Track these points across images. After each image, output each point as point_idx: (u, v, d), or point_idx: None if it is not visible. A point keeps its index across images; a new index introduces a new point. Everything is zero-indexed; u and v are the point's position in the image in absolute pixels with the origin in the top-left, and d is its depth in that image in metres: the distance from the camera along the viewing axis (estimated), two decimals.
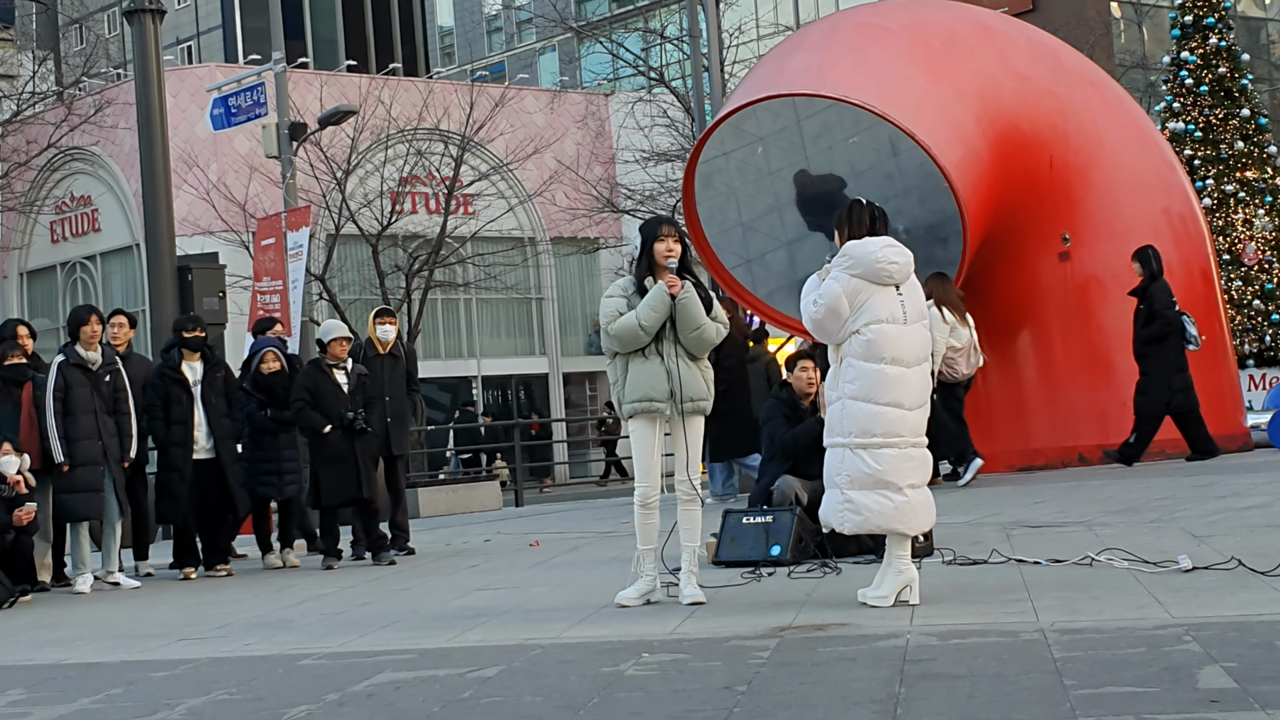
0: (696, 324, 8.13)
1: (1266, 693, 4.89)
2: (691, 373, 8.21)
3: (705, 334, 8.17)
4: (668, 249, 8.18)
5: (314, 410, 12.64)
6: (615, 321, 8.15)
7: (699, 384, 8.22)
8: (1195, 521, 10.10)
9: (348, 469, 12.60)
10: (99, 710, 6.33)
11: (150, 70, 17.31)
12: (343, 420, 12.55)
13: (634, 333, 8.11)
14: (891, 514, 7.46)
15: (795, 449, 10.87)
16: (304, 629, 8.56)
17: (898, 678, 5.58)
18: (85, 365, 12.08)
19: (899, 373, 7.49)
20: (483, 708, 5.70)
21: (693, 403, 8.18)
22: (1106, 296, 16.91)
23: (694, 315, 8.13)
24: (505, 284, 37.75)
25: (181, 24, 64.94)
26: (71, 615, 10.63)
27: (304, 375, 12.98)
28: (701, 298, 8.18)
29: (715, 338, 8.25)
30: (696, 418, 8.24)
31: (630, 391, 8.19)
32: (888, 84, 16.15)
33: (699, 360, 8.27)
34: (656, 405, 8.13)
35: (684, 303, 8.11)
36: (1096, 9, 49.94)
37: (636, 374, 8.18)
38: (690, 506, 8.24)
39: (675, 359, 8.16)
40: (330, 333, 13.01)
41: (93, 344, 12.16)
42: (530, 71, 57.77)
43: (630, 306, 8.18)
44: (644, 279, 8.21)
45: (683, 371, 8.16)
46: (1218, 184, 28.28)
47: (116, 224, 38.06)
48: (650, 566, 8.28)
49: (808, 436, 10.70)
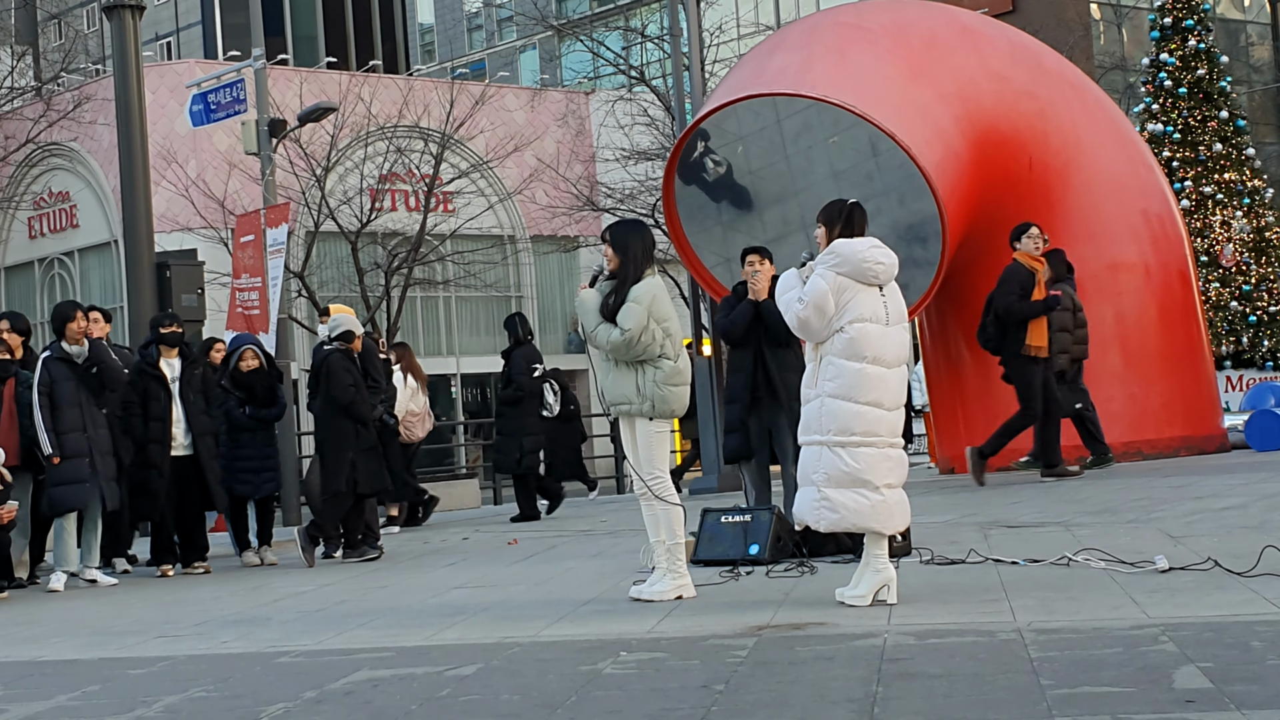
0: (588, 329, 8.39)
1: (1241, 693, 4.91)
2: (612, 377, 8.36)
3: (595, 339, 8.35)
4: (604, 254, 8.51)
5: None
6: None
7: (619, 388, 8.33)
8: (1172, 522, 10.13)
9: (379, 460, 12.87)
10: (76, 707, 6.31)
11: (129, 66, 17.26)
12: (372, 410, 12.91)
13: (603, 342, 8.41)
14: (868, 512, 7.47)
15: (732, 333, 11.21)
16: (282, 626, 8.55)
17: (875, 677, 5.59)
18: (70, 359, 12.07)
19: (880, 372, 7.50)
20: (460, 706, 5.70)
21: (615, 406, 8.38)
22: (1084, 297, 16.94)
23: (583, 320, 8.41)
24: (485, 282, 37.71)
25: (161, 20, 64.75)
26: (48, 612, 10.60)
27: (345, 359, 12.87)
28: (618, 302, 8.25)
29: (603, 343, 8.32)
30: (636, 420, 8.35)
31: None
32: (868, 84, 16.18)
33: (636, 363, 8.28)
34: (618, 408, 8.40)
35: (578, 304, 8.51)
36: (1076, 10, 50.05)
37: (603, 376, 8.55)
38: (646, 502, 8.39)
39: (603, 362, 8.42)
40: (356, 327, 13.24)
41: (78, 339, 12.16)
42: (511, 69, 57.72)
43: None
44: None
45: (603, 374, 8.41)
46: (1196, 186, 28.34)
47: (95, 220, 37.95)
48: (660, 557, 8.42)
49: (743, 319, 11.09)
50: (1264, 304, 28.34)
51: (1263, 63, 56.02)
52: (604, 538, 12.86)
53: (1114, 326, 17.03)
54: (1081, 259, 16.83)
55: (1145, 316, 17.27)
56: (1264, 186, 29.16)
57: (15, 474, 11.90)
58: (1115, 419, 16.68)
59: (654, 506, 8.34)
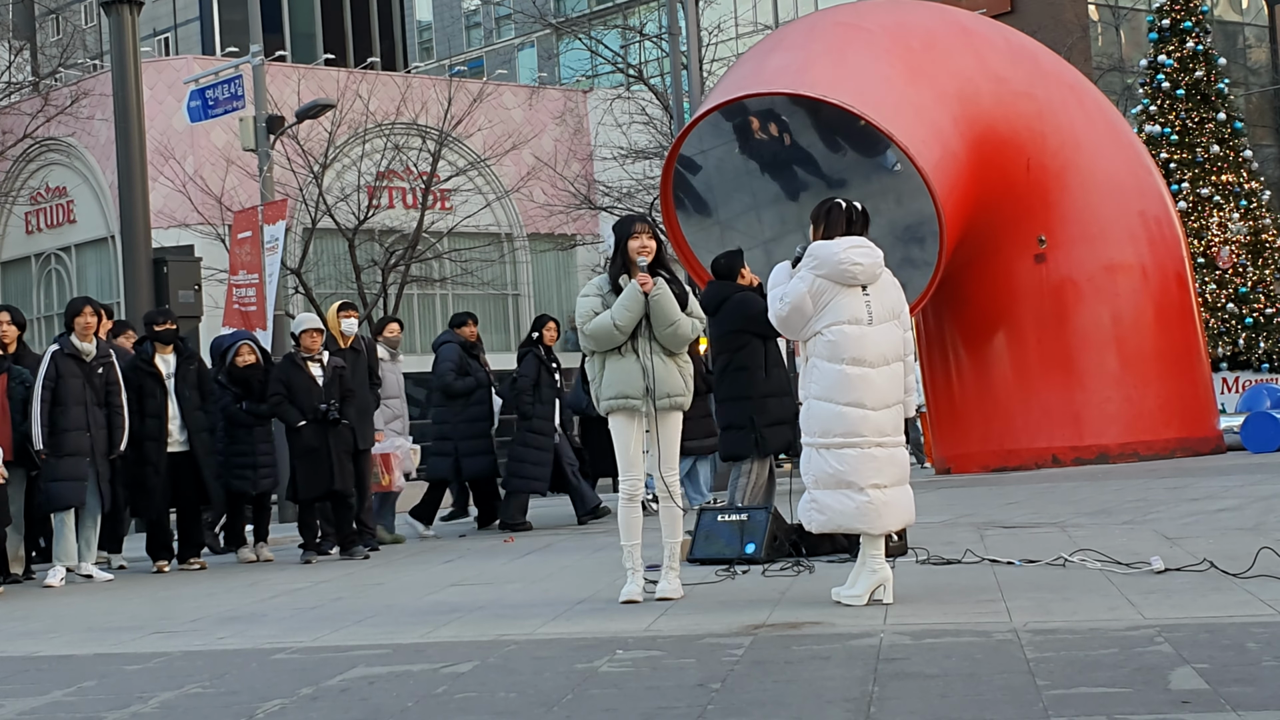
0: (670, 320, 8.13)
1: (1237, 694, 4.91)
2: (668, 369, 8.20)
3: (680, 330, 8.17)
4: (640, 245, 8.18)
5: (289, 404, 12.63)
6: (590, 321, 8.15)
7: (675, 380, 8.21)
8: (1168, 523, 10.13)
9: (321, 462, 12.58)
10: (71, 703, 6.30)
11: (127, 62, 17.25)
12: (316, 412, 12.54)
13: (609, 332, 8.11)
14: (853, 513, 7.47)
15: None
16: (278, 623, 8.55)
17: (871, 676, 5.59)
18: (79, 356, 12.03)
19: (860, 373, 7.48)
20: (456, 703, 5.69)
21: (669, 399, 8.18)
22: (1081, 298, 16.98)
23: (667, 312, 8.13)
24: (482, 280, 37.71)
25: (159, 15, 64.69)
26: (44, 607, 10.59)
27: (279, 368, 12.96)
28: (678, 294, 8.18)
29: (690, 334, 8.26)
30: (673, 414, 8.24)
31: (606, 388, 8.19)
32: (866, 84, 16.19)
33: (676, 356, 8.26)
34: (632, 402, 8.14)
35: (656, 299, 8.11)
36: (1074, 11, 50.06)
37: (613, 371, 8.18)
38: (668, 503, 8.25)
39: (650, 355, 8.16)
40: (302, 325, 13.00)
41: (87, 335, 12.11)
42: (509, 67, 57.71)
43: (605, 305, 8.17)
44: (618, 277, 8.21)
45: (658, 368, 8.16)
46: (1193, 187, 28.38)
47: (92, 216, 37.93)
48: (639, 561, 8.29)
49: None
50: (1260, 306, 28.38)
51: (1260, 65, 56.05)
52: (599, 536, 12.86)
53: (1111, 328, 17.07)
54: (1078, 260, 16.86)
55: (1142, 318, 17.29)
56: (1261, 189, 29.21)
57: (10, 469, 11.87)
58: (1112, 420, 16.71)
59: (673, 506, 8.29)
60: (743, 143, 16.93)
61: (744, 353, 11.02)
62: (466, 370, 14.75)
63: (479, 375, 14.83)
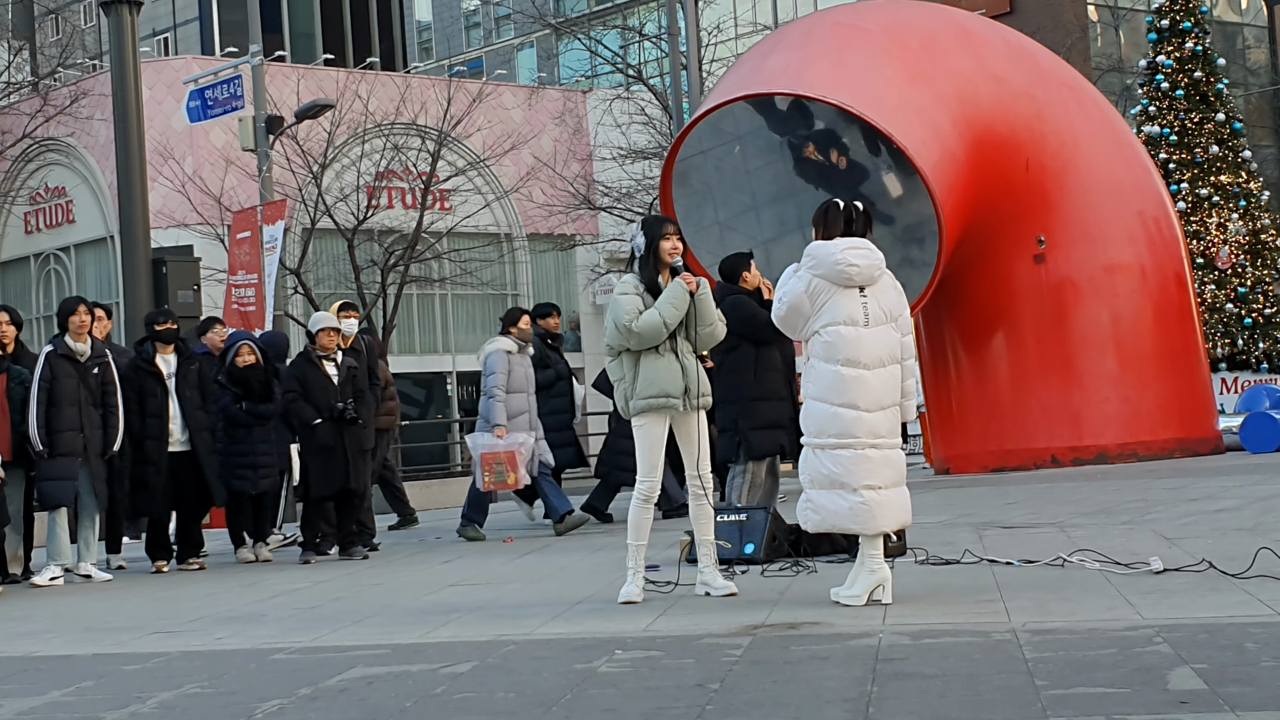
0: (710, 320, 8.32)
1: (1236, 694, 4.91)
2: (698, 369, 8.36)
3: (716, 330, 8.37)
4: (673, 246, 8.32)
5: (304, 401, 12.65)
6: (639, 319, 8.18)
7: (705, 380, 8.37)
8: (1166, 524, 10.14)
9: (336, 460, 12.64)
10: (70, 703, 6.31)
11: (126, 62, 17.26)
12: (332, 411, 12.57)
13: (658, 329, 8.20)
14: (846, 514, 7.48)
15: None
16: (276, 623, 8.55)
17: (870, 677, 5.60)
18: (73, 356, 12.03)
19: (855, 374, 7.49)
20: (455, 704, 5.70)
21: (704, 397, 8.32)
22: (1081, 299, 16.98)
23: (709, 311, 8.32)
24: (481, 280, 37.71)
25: (158, 15, 64.69)
26: (43, 607, 10.59)
27: (293, 366, 12.98)
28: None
29: (723, 333, 8.48)
30: (702, 413, 8.37)
31: (644, 388, 8.19)
32: (866, 84, 16.19)
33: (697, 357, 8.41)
34: (672, 401, 8.20)
35: (701, 299, 8.28)
36: (1074, 12, 50.08)
37: (650, 370, 8.21)
38: (702, 501, 8.30)
39: (686, 355, 8.30)
40: (318, 324, 13.03)
41: (81, 335, 12.10)
42: (508, 67, 57.72)
43: (646, 304, 8.24)
44: (650, 277, 8.28)
45: (691, 367, 8.30)
46: (1192, 188, 28.38)
47: (91, 216, 37.92)
48: (642, 562, 8.33)
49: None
50: (1259, 306, 28.38)
51: (1260, 65, 56.09)
52: (598, 536, 12.87)
53: (1110, 328, 17.07)
54: (1078, 260, 16.86)
55: (1141, 318, 17.29)
56: (1260, 189, 29.22)
57: (8, 469, 11.87)
58: (1111, 420, 16.72)
59: (706, 504, 8.33)
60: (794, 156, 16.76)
61: (734, 356, 10.99)
62: (546, 362, 14.61)
63: (559, 367, 14.73)
